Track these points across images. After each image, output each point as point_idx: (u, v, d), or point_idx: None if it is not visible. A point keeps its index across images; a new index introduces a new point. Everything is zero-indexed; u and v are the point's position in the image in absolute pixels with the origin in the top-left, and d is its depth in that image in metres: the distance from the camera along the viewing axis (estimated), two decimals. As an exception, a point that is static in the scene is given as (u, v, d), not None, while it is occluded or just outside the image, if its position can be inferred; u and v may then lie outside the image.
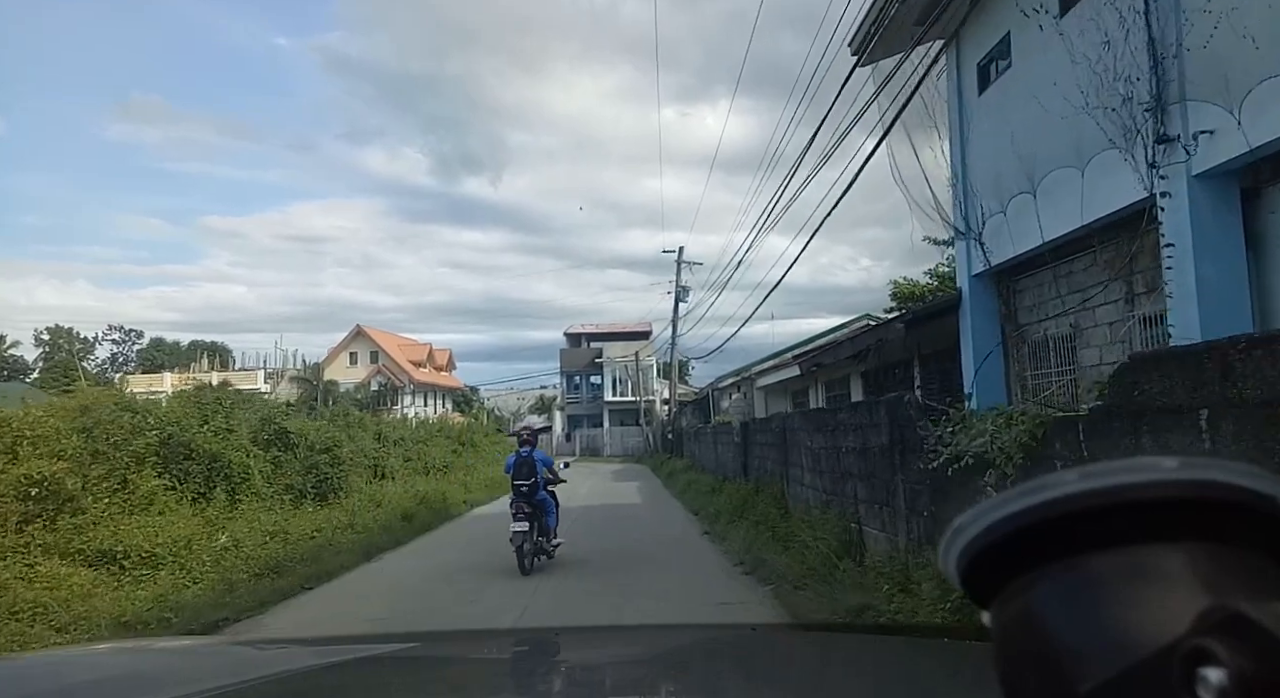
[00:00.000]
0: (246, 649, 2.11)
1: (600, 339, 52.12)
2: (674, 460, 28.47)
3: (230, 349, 64.83)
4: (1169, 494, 0.40)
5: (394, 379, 52.98)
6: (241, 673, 1.46)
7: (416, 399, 55.46)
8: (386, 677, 1.59)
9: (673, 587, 8.26)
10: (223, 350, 63.64)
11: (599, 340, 52.21)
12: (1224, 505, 0.40)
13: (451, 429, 32.73)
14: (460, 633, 3.66)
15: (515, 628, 5.91)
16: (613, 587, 8.31)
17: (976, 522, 0.43)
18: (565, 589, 8.30)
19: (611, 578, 8.88)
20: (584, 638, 2.33)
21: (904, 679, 1.53)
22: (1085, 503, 0.41)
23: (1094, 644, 0.38)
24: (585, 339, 54.22)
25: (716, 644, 2.02)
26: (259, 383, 52.48)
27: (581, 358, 52.61)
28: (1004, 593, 0.43)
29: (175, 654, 1.88)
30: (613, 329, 52.95)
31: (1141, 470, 0.41)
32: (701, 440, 23.50)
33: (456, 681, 1.61)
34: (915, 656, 1.75)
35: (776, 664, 1.66)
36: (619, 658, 1.85)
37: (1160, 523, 0.40)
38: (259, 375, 52.93)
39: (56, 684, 1.40)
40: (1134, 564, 0.40)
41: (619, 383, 50.61)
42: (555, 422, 52.96)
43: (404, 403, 52.91)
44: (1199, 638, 0.35)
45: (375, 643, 2.13)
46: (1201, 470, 0.41)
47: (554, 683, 1.64)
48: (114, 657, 1.86)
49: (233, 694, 1.30)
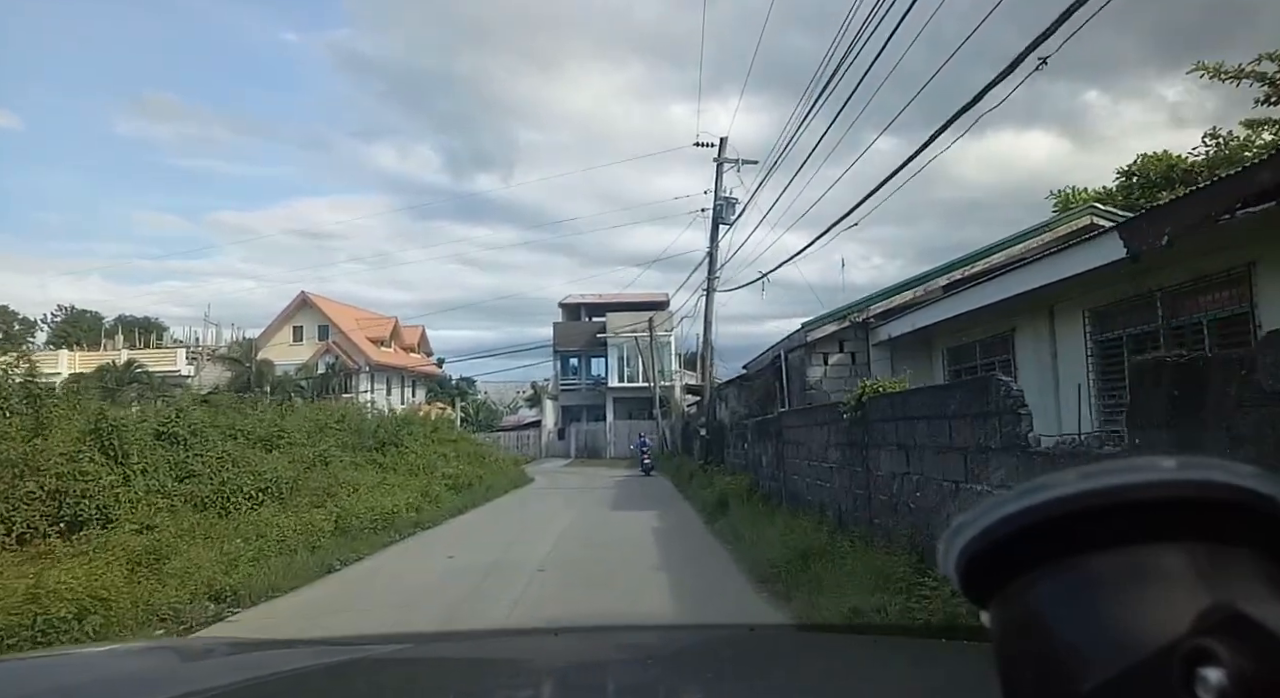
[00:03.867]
0: (246, 649, 2.06)
1: (603, 311, 41.51)
2: (712, 471, 17.98)
3: (167, 326, 54.54)
4: (1169, 494, 0.40)
5: (346, 359, 42.62)
6: (241, 673, 1.49)
7: (379, 385, 45.16)
8: (386, 677, 1.59)
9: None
10: (156, 327, 53.39)
11: (601, 313, 41.60)
12: (1224, 505, 0.40)
13: (421, 424, 22.62)
14: (460, 633, 3.62)
15: (514, 628, 5.27)
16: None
17: (976, 522, 0.43)
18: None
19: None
20: (584, 638, 2.32)
21: (904, 680, 1.51)
22: (1085, 503, 0.40)
23: (1094, 644, 0.39)
24: (584, 311, 43.59)
25: (715, 645, 2.04)
26: (179, 364, 42.52)
27: (579, 334, 42.02)
28: (1004, 593, 0.43)
29: (175, 654, 1.89)
30: (618, 299, 42.23)
31: (1141, 471, 0.40)
32: (767, 440, 12.94)
33: (456, 680, 1.61)
34: (915, 656, 1.74)
35: (776, 665, 1.65)
36: (618, 658, 1.84)
37: (1160, 523, 0.40)
38: (179, 355, 42.71)
39: (56, 684, 1.41)
40: (1134, 564, 0.40)
41: (626, 364, 40.06)
42: (546, 414, 42.44)
43: (359, 388, 42.66)
44: (1199, 638, 0.35)
45: (375, 643, 2.12)
46: (1201, 471, 0.40)
47: (553, 683, 1.62)
48: (114, 657, 1.87)
49: (232, 694, 1.32)
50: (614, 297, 43.53)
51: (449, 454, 21.66)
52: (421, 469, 18.28)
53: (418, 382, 50.77)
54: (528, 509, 15.88)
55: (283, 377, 40.62)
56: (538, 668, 1.72)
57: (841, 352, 13.41)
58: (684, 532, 11.54)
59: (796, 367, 13.98)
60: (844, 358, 13.41)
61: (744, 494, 12.43)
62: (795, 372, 14.11)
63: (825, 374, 13.33)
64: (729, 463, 18.20)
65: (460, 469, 19.47)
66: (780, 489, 11.39)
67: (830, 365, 13.37)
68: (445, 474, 17.72)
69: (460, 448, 23.75)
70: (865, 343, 13.34)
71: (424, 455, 19.45)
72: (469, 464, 21.45)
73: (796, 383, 14.03)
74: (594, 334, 41.19)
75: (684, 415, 32.09)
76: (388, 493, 13.53)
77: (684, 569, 8.35)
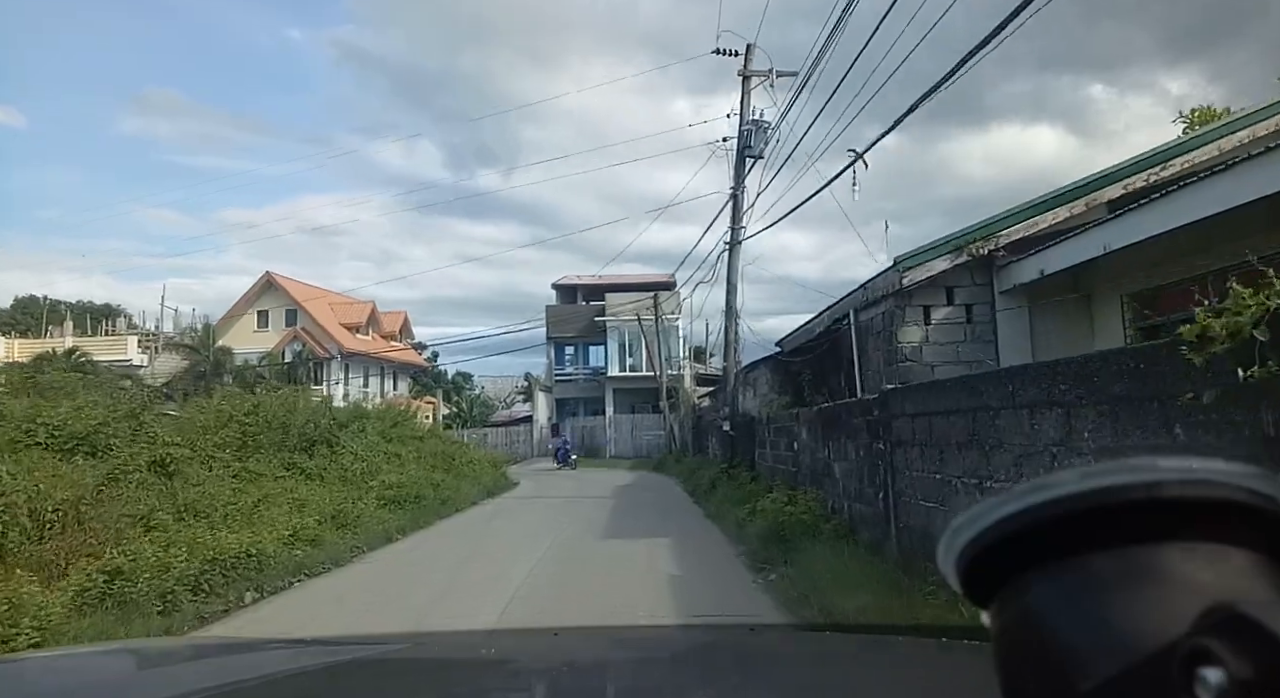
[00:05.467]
0: (245, 650, 2.05)
1: (601, 294, 36.96)
2: (742, 478, 13.49)
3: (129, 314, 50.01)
4: (1169, 494, 0.40)
5: (315, 347, 38.10)
6: (240, 673, 1.48)
7: (355, 375, 40.66)
8: (386, 677, 1.57)
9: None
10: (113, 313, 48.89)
11: (600, 296, 37.05)
12: (1224, 505, 0.40)
13: (378, 418, 18.63)
14: (459, 634, 3.52)
15: (514, 628, 4.86)
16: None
17: (976, 522, 0.43)
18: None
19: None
20: (584, 638, 2.26)
21: (903, 680, 1.50)
22: (1085, 503, 0.40)
23: (1094, 644, 0.38)
24: (580, 293, 39.05)
25: (715, 645, 2.01)
26: (129, 352, 38.22)
27: (575, 319, 37.48)
28: (1004, 593, 0.43)
29: (174, 654, 1.88)
30: (619, 281, 37.66)
31: (1141, 471, 0.40)
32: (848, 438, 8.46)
33: (456, 680, 1.60)
34: (915, 656, 1.71)
35: (776, 665, 1.63)
36: (618, 658, 1.82)
37: (1160, 523, 0.40)
38: (130, 343, 38.36)
39: (56, 684, 1.41)
40: (1134, 564, 0.40)
41: (629, 351, 35.55)
42: (538, 408, 37.93)
43: (330, 379, 38.19)
44: (1199, 638, 0.35)
45: (375, 644, 2.06)
46: (1201, 471, 0.40)
47: (553, 683, 1.59)
48: (113, 657, 1.86)
49: (232, 695, 1.32)
50: (614, 278, 38.98)
51: (407, 455, 17.20)
52: (359, 476, 13.83)
53: (399, 373, 46.21)
54: (488, 535, 11.41)
55: (243, 366, 36.35)
56: (537, 668, 1.69)
57: (950, 304, 8.87)
58: (722, 589, 7.03)
59: (878, 329, 9.46)
60: (954, 313, 8.86)
61: (814, 524, 7.88)
62: (874, 337, 9.60)
63: (926, 337, 8.80)
64: (762, 467, 13.71)
65: (412, 475, 15.02)
66: (885, 519, 6.84)
67: (933, 325, 8.83)
68: (386, 483, 13.26)
69: (426, 447, 19.25)
70: (988, 290, 8.80)
71: (367, 457, 14.99)
72: (430, 468, 17.00)
73: (877, 353, 9.51)
74: (591, 318, 36.68)
75: (695, 409, 27.60)
76: (277, 516, 9.06)
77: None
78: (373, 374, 42.60)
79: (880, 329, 9.27)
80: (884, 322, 9.17)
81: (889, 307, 8.97)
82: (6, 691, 1.27)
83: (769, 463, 13.28)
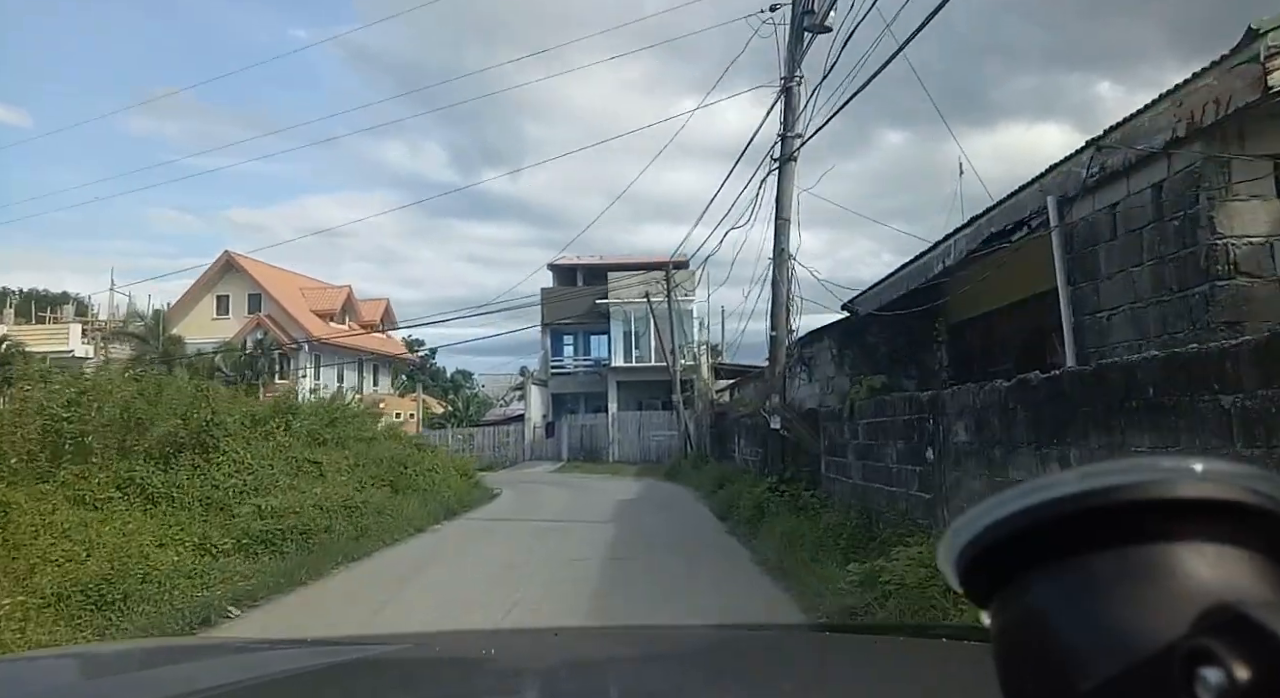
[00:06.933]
0: (246, 649, 2.01)
1: (604, 276, 32.36)
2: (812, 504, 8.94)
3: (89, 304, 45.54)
4: (1169, 494, 0.40)
5: (281, 335, 33.55)
6: (241, 673, 1.47)
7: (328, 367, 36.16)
8: (386, 677, 1.56)
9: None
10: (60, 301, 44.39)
11: (602, 279, 32.47)
12: (1224, 506, 0.40)
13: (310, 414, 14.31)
14: (459, 634, 3.40)
15: (513, 629, 4.96)
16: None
17: (976, 522, 0.43)
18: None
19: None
20: (584, 638, 2.28)
21: (904, 679, 1.46)
22: (1085, 503, 0.40)
23: (1094, 644, 0.39)
24: (580, 275, 34.43)
25: (717, 645, 1.96)
26: (71, 342, 33.77)
27: (574, 303, 32.87)
28: (1004, 593, 0.43)
29: (175, 654, 1.86)
30: (623, 261, 33.06)
31: (1141, 471, 0.40)
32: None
33: (456, 680, 1.59)
34: (915, 656, 1.66)
35: (776, 664, 1.61)
36: (618, 658, 1.78)
37: (1161, 523, 0.40)
38: (72, 332, 33.92)
39: (56, 684, 1.41)
40: (1134, 564, 0.40)
41: (635, 341, 30.95)
42: (531, 404, 33.33)
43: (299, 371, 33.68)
44: (1199, 638, 0.35)
45: (375, 644, 2.02)
46: (1201, 471, 0.40)
47: (553, 683, 1.57)
48: (114, 657, 1.86)
49: (232, 694, 1.31)
50: (617, 258, 34.40)
51: (335, 463, 12.63)
52: (233, 497, 9.30)
53: (381, 367, 41.65)
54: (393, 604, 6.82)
55: (196, 356, 31.89)
56: (537, 668, 1.68)
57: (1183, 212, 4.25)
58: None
59: (1144, 222, 4.84)
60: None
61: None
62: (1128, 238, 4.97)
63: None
64: (835, 486, 9.16)
65: (329, 492, 10.50)
66: None
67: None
68: (263, 510, 8.72)
69: (373, 452, 14.65)
70: None
71: (259, 468, 10.44)
72: (365, 481, 12.46)
73: (1138, 271, 4.90)
74: (592, 303, 32.11)
75: (714, 405, 23.03)
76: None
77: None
78: (349, 367, 38.06)
79: (1152, 219, 4.66)
80: (1168, 199, 4.54)
81: (1185, 165, 4.34)
82: (6, 691, 1.25)
83: (851, 479, 8.69)
